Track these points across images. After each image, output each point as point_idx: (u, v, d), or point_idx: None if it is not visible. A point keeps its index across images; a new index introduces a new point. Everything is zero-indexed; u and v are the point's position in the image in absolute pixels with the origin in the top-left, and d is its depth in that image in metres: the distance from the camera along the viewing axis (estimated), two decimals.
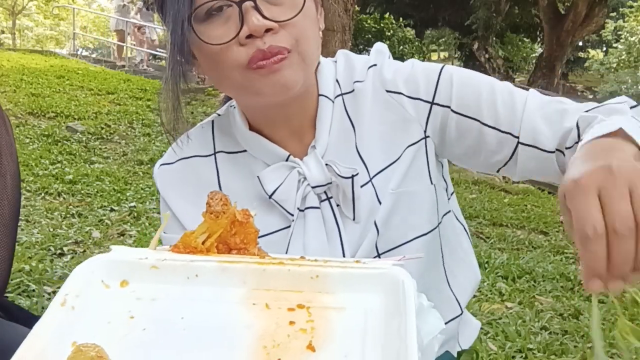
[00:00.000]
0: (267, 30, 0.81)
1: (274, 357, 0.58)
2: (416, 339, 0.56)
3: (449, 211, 1.02)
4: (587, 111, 0.86)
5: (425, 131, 0.95)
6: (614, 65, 22.18)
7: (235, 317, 0.64)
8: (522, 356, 2.60)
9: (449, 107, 0.93)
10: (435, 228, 0.97)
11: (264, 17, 0.81)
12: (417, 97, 0.95)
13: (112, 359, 0.58)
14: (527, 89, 0.96)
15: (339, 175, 0.91)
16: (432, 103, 0.94)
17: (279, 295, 0.66)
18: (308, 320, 0.63)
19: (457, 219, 1.06)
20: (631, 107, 0.83)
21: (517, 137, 0.91)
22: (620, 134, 0.69)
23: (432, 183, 0.96)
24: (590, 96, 21.83)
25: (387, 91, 0.96)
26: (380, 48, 1.02)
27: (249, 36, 0.81)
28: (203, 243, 0.73)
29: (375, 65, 0.99)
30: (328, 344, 0.60)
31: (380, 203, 0.93)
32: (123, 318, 0.65)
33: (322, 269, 0.68)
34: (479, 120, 0.92)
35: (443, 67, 0.97)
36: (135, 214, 4.40)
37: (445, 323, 1.03)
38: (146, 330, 0.63)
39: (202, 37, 0.83)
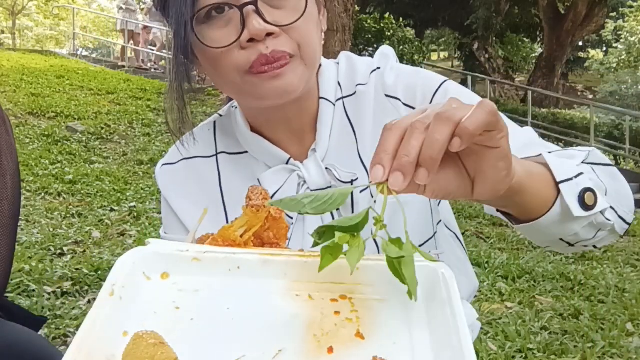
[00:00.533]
0: (269, 34, 0.81)
1: (325, 345, 0.59)
2: (465, 320, 0.57)
3: (440, 221, 1.01)
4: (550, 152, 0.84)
5: None
6: (614, 65, 22.18)
7: (280, 308, 0.65)
8: (522, 356, 2.60)
9: None
10: (430, 239, 0.97)
11: (266, 22, 0.80)
12: (412, 106, 0.95)
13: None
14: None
15: (338, 180, 0.91)
16: None
17: (321, 287, 0.67)
18: (352, 310, 0.64)
19: (448, 228, 1.04)
20: (590, 163, 0.81)
21: None
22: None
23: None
24: (590, 96, 21.84)
25: (386, 95, 0.96)
26: (385, 51, 1.02)
27: (250, 40, 0.81)
28: (241, 236, 0.74)
29: (378, 68, 0.98)
30: (375, 332, 0.61)
31: (375, 201, 0.93)
32: (169, 309, 0.65)
33: (362, 261, 0.67)
34: None
35: (445, 81, 0.96)
36: (135, 214, 4.41)
37: None
38: (194, 320, 0.64)
39: (203, 40, 0.83)
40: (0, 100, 7.18)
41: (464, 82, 15.38)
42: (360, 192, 0.93)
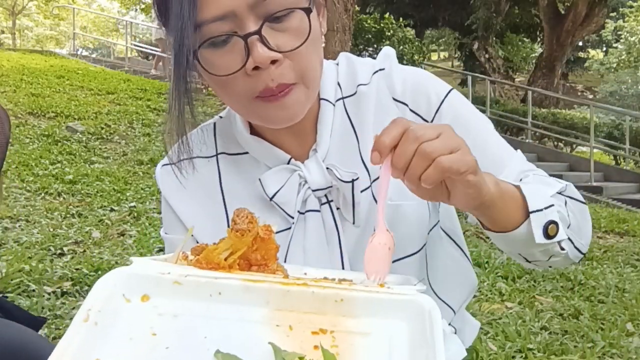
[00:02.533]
0: (273, 61, 0.81)
1: None
2: None
3: (437, 222, 1.01)
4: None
5: None
6: (614, 65, 22.19)
7: (259, 339, 0.63)
8: (522, 356, 2.60)
9: None
10: (425, 245, 0.96)
11: (269, 49, 0.80)
12: (418, 113, 0.96)
13: None
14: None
15: (339, 179, 0.91)
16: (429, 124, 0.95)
17: (303, 318, 0.66)
18: (332, 345, 0.62)
19: (443, 229, 1.04)
20: (566, 195, 0.91)
21: None
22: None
23: None
24: (590, 96, 21.85)
25: (394, 99, 0.96)
26: (388, 52, 1.01)
27: (255, 67, 0.81)
28: (226, 259, 0.73)
29: (382, 69, 0.98)
30: None
31: (377, 202, 0.93)
32: (145, 334, 0.63)
33: (346, 293, 0.67)
34: None
35: (449, 92, 0.96)
36: (135, 214, 4.41)
37: None
38: (169, 348, 0.62)
39: (207, 67, 0.82)
40: (0, 100, 7.19)
41: (464, 82, 15.41)
42: (361, 191, 0.93)
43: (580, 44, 21.00)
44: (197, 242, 0.91)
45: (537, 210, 0.82)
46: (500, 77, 16.45)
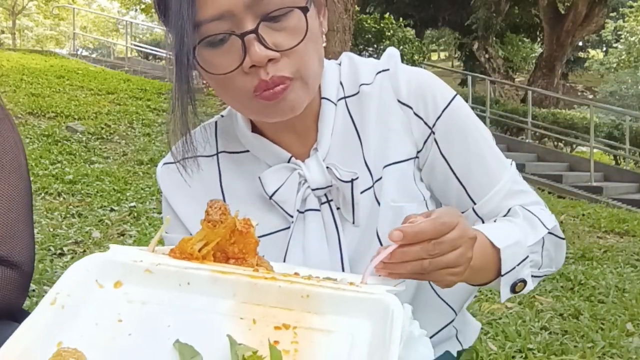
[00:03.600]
0: (270, 59, 0.81)
1: None
2: None
3: None
4: (526, 208, 0.96)
5: (419, 152, 0.96)
6: (614, 65, 22.20)
7: (220, 331, 0.63)
8: (522, 356, 2.60)
9: (434, 134, 0.96)
10: None
11: (266, 47, 0.80)
12: (421, 117, 0.95)
13: None
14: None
15: (338, 179, 0.91)
16: (431, 129, 0.95)
17: (268, 312, 0.66)
18: (293, 342, 0.62)
19: None
20: (550, 232, 0.95)
21: (474, 203, 0.97)
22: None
23: (424, 199, 0.96)
24: (590, 96, 21.84)
25: (399, 101, 0.96)
26: (392, 53, 1.01)
27: (252, 66, 0.81)
28: (200, 250, 0.73)
29: (387, 70, 0.98)
30: None
31: (379, 204, 0.93)
32: (111, 321, 0.64)
33: (313, 289, 0.66)
34: (451, 169, 0.96)
35: (453, 99, 0.96)
36: (135, 214, 4.40)
37: (440, 329, 1.03)
38: (132, 335, 0.63)
39: (205, 66, 0.83)
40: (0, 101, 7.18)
41: (464, 82, 15.41)
42: (361, 192, 0.93)
43: (580, 44, 20.99)
44: None
45: (508, 272, 0.86)
46: (500, 77, 16.45)
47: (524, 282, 0.89)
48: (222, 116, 1.03)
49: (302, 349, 0.61)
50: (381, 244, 0.92)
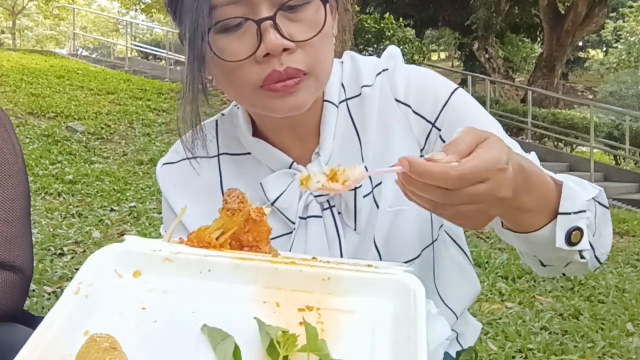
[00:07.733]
0: (285, 49, 0.79)
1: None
2: (426, 347, 0.57)
3: (441, 225, 1.00)
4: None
5: (422, 150, 0.94)
6: (614, 65, 22.19)
7: (246, 315, 0.64)
8: (522, 356, 2.60)
9: (440, 130, 0.93)
10: (429, 246, 0.96)
11: (283, 36, 0.79)
12: (421, 115, 0.93)
13: (124, 350, 0.58)
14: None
15: None
16: (433, 125, 0.93)
17: (290, 295, 0.67)
18: (318, 322, 0.63)
19: (447, 233, 1.03)
20: (597, 201, 0.85)
21: None
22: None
23: None
24: (590, 96, 21.84)
25: (396, 100, 0.94)
26: (393, 52, 0.99)
27: (266, 54, 0.79)
28: (217, 239, 0.74)
29: (386, 70, 0.96)
30: (337, 347, 0.60)
31: (378, 207, 0.92)
32: (135, 309, 0.65)
33: (333, 272, 0.67)
34: None
35: (454, 91, 0.94)
36: (135, 214, 4.40)
37: None
38: (157, 322, 0.63)
39: (218, 52, 0.81)
40: (0, 101, 7.19)
41: (464, 82, 15.38)
42: (364, 197, 0.92)
43: (580, 44, 21.00)
44: None
45: (566, 213, 0.76)
46: (500, 77, 16.45)
47: (580, 232, 0.78)
48: (223, 114, 1.02)
49: (327, 329, 0.63)
50: (377, 250, 0.92)
